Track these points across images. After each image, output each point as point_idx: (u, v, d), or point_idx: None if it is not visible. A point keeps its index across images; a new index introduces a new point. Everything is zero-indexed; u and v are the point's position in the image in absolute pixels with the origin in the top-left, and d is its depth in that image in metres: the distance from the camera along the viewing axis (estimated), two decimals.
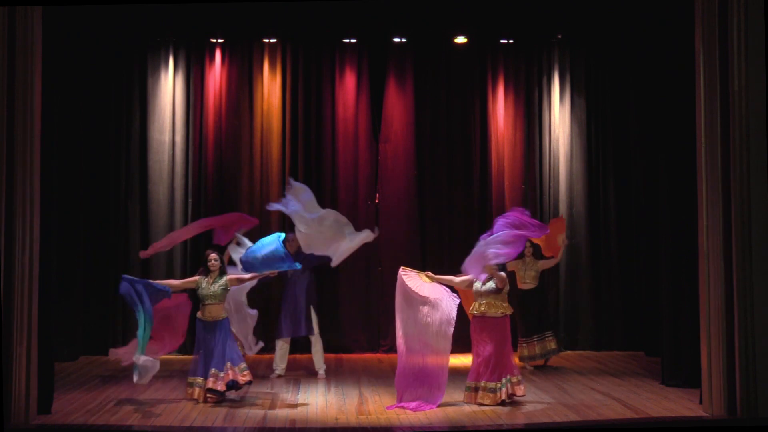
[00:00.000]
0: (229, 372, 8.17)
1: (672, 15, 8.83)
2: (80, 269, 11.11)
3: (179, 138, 11.55)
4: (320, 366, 9.74)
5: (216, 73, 11.61)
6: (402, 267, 8.42)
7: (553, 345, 10.23)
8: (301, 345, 10.54)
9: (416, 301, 8.16)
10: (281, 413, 7.90)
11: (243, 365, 8.33)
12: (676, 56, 8.85)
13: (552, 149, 11.91)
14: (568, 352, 11.49)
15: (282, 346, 9.74)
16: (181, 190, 11.51)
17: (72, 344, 10.78)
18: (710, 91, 7.67)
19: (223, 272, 8.40)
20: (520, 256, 10.26)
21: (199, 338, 8.33)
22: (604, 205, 11.92)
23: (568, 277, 11.69)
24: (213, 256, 8.40)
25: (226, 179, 11.63)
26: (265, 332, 10.26)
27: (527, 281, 10.21)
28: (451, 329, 8.04)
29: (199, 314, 8.37)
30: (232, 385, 8.22)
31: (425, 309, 8.12)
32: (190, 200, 11.51)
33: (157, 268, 11.06)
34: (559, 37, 11.83)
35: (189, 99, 11.59)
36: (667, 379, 9.04)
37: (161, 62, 11.55)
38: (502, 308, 8.20)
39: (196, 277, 8.42)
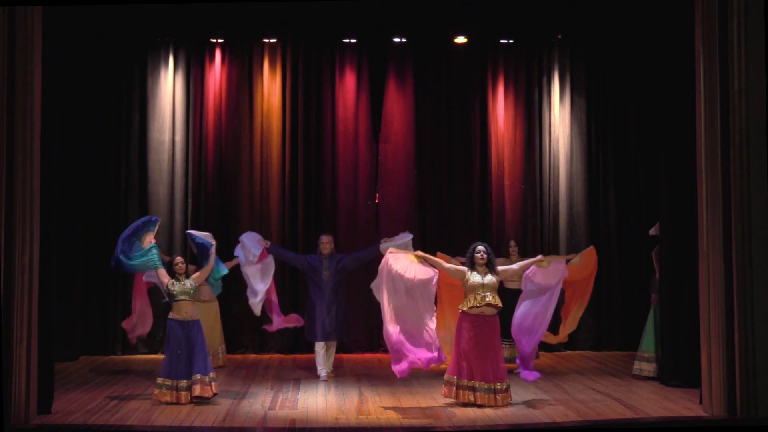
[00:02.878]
0: (197, 386, 8.13)
1: (672, 15, 8.82)
2: (80, 269, 11.11)
3: (179, 138, 11.55)
4: (328, 366, 9.74)
5: (216, 73, 11.60)
6: (390, 250, 8.31)
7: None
8: (303, 345, 10.53)
9: (402, 284, 8.07)
10: (281, 413, 7.90)
11: (212, 375, 8.26)
12: (676, 56, 8.84)
13: (552, 149, 11.90)
14: (568, 352, 11.50)
15: (320, 349, 9.62)
16: (181, 190, 11.52)
17: (72, 344, 10.78)
18: (710, 91, 7.67)
19: (188, 275, 8.50)
20: (506, 254, 10.17)
21: (175, 338, 8.22)
22: (604, 205, 11.92)
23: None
24: (179, 259, 8.50)
25: (226, 179, 11.63)
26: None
27: (513, 280, 9.62)
28: (434, 290, 8.13)
29: (172, 315, 8.30)
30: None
31: (412, 292, 8.07)
32: (190, 200, 11.51)
33: None
34: (559, 37, 11.83)
35: (189, 99, 11.60)
36: (667, 379, 9.03)
37: (161, 62, 11.56)
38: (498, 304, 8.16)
39: (167, 280, 8.37)
